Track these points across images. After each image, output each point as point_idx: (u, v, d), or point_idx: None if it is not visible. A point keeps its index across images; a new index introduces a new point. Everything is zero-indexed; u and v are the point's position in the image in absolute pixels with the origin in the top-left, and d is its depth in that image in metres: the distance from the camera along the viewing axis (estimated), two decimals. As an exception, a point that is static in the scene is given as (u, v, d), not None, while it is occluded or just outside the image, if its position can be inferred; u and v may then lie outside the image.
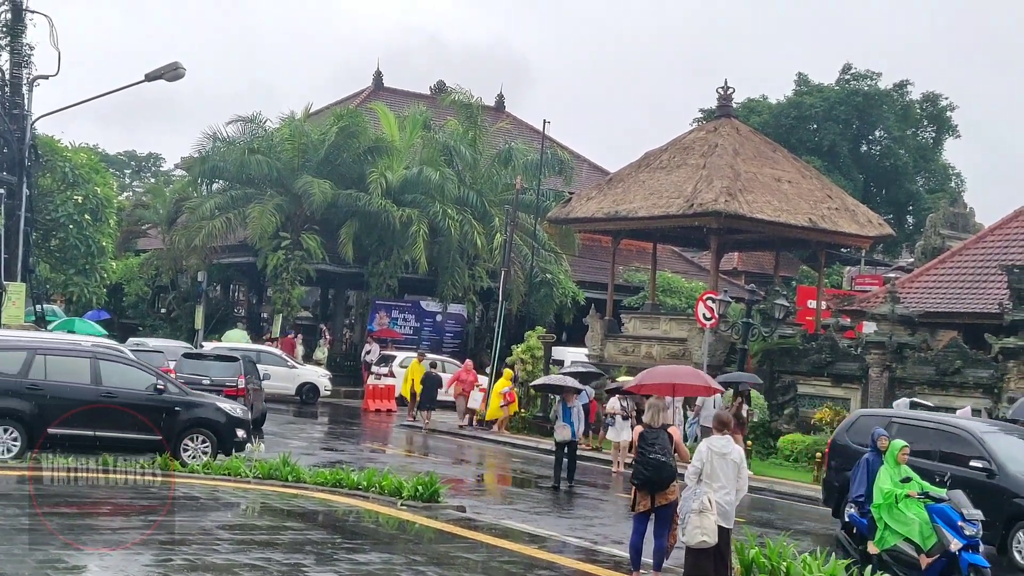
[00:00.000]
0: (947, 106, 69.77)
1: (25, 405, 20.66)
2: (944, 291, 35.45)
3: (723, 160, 34.52)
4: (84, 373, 21.23)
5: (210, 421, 21.79)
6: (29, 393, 20.72)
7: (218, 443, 21.66)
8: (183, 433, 21.46)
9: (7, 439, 20.37)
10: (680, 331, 35.24)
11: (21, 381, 20.79)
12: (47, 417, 20.46)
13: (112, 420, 20.76)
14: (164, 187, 62.07)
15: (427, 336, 48.24)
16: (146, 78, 29.20)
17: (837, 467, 20.51)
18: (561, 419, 24.37)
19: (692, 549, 12.90)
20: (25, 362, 21.07)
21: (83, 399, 20.81)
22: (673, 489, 13.68)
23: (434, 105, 53.55)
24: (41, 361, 21.12)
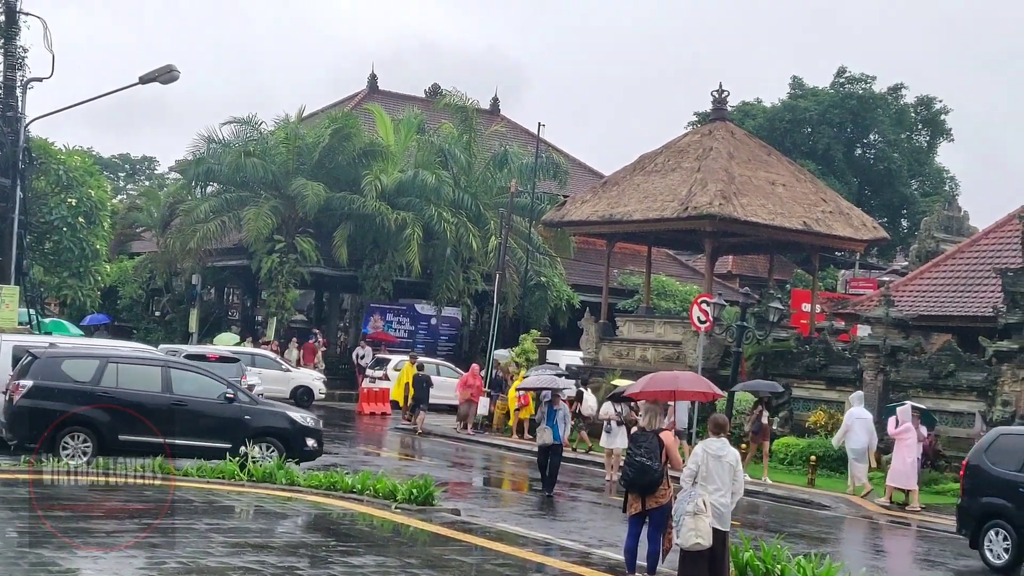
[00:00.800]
0: (941, 109, 69.89)
1: (97, 412, 20.84)
2: (938, 294, 35.49)
3: (717, 163, 34.55)
4: (155, 381, 21.50)
5: (278, 429, 21.86)
6: (101, 401, 20.91)
7: (286, 451, 21.66)
8: (252, 440, 21.46)
9: (79, 445, 20.53)
10: (675, 334, 35.27)
11: (94, 389, 21.02)
12: (118, 424, 20.70)
13: (182, 427, 20.92)
14: (158, 190, 62.03)
15: (421, 339, 48.22)
16: (140, 81, 29.17)
17: (973, 491, 18.61)
18: (545, 422, 23.50)
19: (686, 551, 12.89)
20: (98, 370, 21.31)
21: (154, 407, 21.05)
22: (664, 492, 13.67)
23: (429, 108, 53.54)
24: (113, 369, 21.35)
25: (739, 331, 30.64)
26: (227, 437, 21.25)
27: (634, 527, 13.94)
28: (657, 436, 13.76)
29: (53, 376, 21.15)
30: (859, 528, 22.08)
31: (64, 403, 20.85)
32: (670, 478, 13.84)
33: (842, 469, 27.73)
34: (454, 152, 47.35)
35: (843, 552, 18.14)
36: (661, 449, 13.65)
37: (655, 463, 13.56)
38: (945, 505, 24.56)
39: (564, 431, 23.77)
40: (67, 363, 21.68)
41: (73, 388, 21.10)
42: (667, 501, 13.68)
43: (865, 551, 18.83)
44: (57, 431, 20.57)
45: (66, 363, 21.67)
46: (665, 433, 13.88)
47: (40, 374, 21.13)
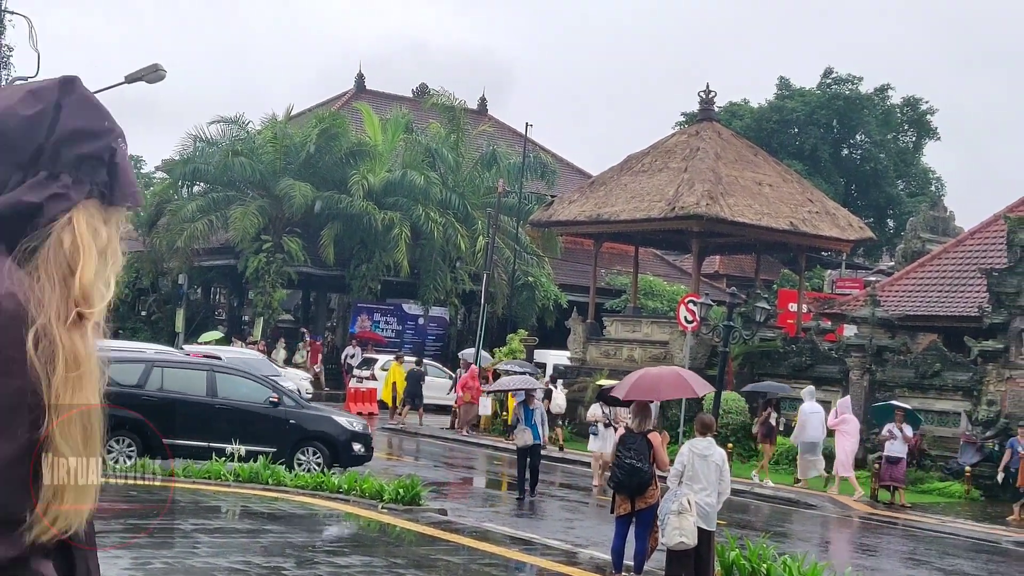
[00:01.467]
0: (927, 110, 70.11)
1: (142, 416, 20.80)
2: (924, 294, 35.60)
3: (705, 164, 34.61)
4: (200, 385, 21.66)
5: (324, 434, 21.81)
6: (146, 404, 20.99)
7: (332, 456, 21.63)
8: (297, 445, 21.55)
9: (123, 449, 20.59)
10: (662, 334, 35.31)
11: (138, 392, 21.11)
12: (162, 428, 20.90)
13: (226, 431, 21.00)
14: (145, 189, 61.87)
15: (409, 339, 48.20)
16: (126, 80, 29.08)
17: None
18: (523, 422, 22.41)
19: (671, 550, 12.92)
20: (143, 373, 21.50)
21: (198, 410, 21.18)
22: (653, 493, 13.69)
23: (416, 108, 53.51)
24: (159, 373, 21.54)
25: (726, 331, 30.68)
26: (272, 441, 21.34)
27: (622, 527, 13.96)
28: (645, 437, 13.77)
29: None
30: (845, 527, 22.14)
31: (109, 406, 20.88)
32: (658, 479, 13.86)
33: (829, 468, 27.86)
34: (442, 152, 47.34)
35: (829, 551, 18.19)
36: (650, 450, 13.67)
37: (644, 464, 13.59)
38: (931, 504, 24.70)
39: (543, 431, 23.10)
40: (113, 367, 21.65)
41: (118, 391, 21.16)
42: (655, 501, 13.71)
43: (851, 550, 18.88)
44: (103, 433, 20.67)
45: (112, 367, 21.66)
46: (653, 434, 13.89)
47: None
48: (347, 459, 21.73)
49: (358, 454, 22.12)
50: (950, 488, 26.15)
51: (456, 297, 48.29)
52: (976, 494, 25.87)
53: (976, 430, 26.84)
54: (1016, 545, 20.55)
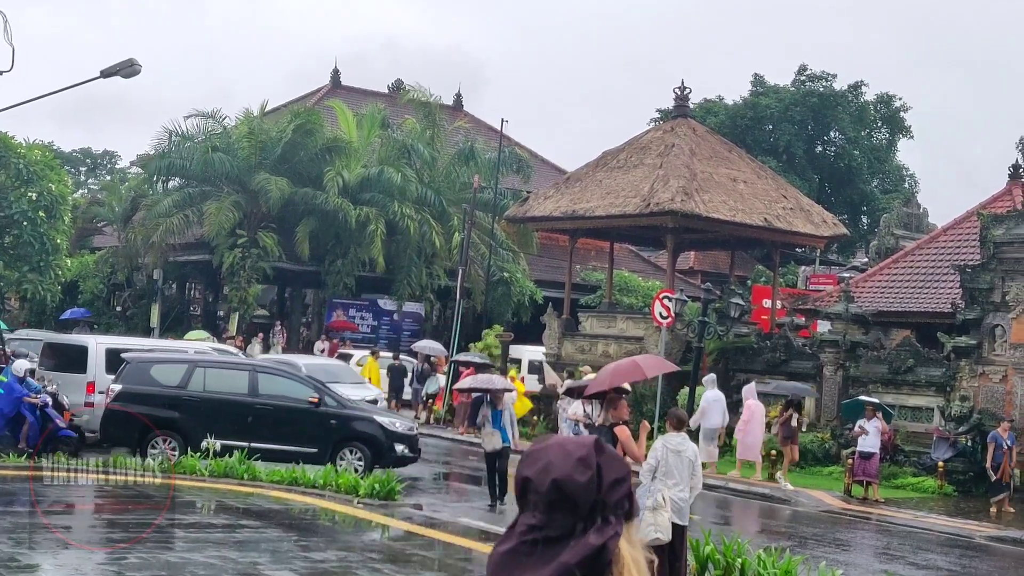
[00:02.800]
0: (901, 107, 70.37)
1: (183, 416, 21.05)
2: (897, 290, 35.80)
3: (679, 160, 34.69)
4: (242, 385, 21.67)
5: (365, 435, 21.63)
6: (187, 404, 21.10)
7: (373, 457, 21.41)
8: (339, 446, 21.40)
9: (165, 449, 20.68)
10: (637, 330, 35.39)
11: (180, 393, 21.22)
12: (203, 428, 20.86)
13: (267, 432, 21.00)
14: (119, 184, 61.62)
15: (384, 334, 48.13)
16: (101, 74, 28.87)
17: None
18: (490, 425, 20.52)
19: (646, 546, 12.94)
20: (185, 374, 21.59)
21: (240, 411, 21.22)
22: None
23: (392, 104, 53.42)
24: (201, 373, 21.58)
25: (701, 327, 30.77)
26: (313, 441, 21.29)
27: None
28: (611, 430, 13.79)
29: (142, 380, 21.57)
30: (819, 523, 22.24)
31: (152, 407, 21.19)
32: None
33: (803, 463, 28.08)
34: (418, 148, 47.27)
35: (803, 546, 18.26)
36: (615, 444, 13.66)
37: None
38: (904, 499, 24.84)
39: (513, 433, 21.02)
40: (156, 368, 22.19)
41: (161, 392, 21.43)
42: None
43: (825, 544, 18.97)
44: (145, 434, 20.92)
45: (155, 368, 22.17)
46: (620, 428, 13.89)
47: (129, 379, 21.58)
48: (389, 460, 21.41)
49: (402, 455, 21.81)
50: (923, 483, 26.30)
51: (431, 293, 48.27)
52: (949, 489, 26.03)
53: (949, 426, 27.00)
54: (989, 540, 20.70)
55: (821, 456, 28.55)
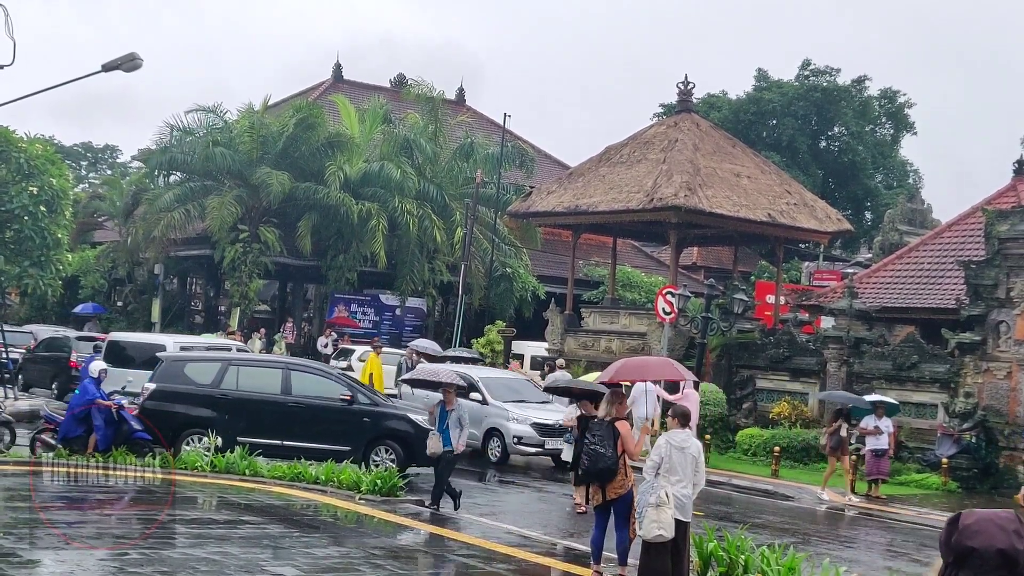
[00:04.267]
0: (905, 103, 70.27)
1: (216, 414, 21.07)
2: (901, 286, 35.69)
3: (683, 155, 34.59)
4: (275, 383, 21.62)
5: (397, 432, 21.35)
6: (221, 402, 21.14)
7: (407, 455, 21.15)
8: (372, 444, 21.19)
9: (199, 447, 20.70)
10: (640, 325, 35.32)
11: (213, 391, 21.26)
12: (237, 426, 20.92)
13: (300, 429, 20.91)
14: (121, 179, 61.54)
15: (386, 330, 48.09)
16: (103, 68, 28.78)
17: None
18: (436, 426, 18.64)
19: (648, 543, 12.87)
20: (219, 372, 21.60)
21: (272, 408, 21.23)
22: (623, 482, 13.59)
23: (394, 98, 53.31)
24: (234, 371, 21.57)
25: (704, 322, 30.71)
26: (346, 440, 21.19)
27: (600, 519, 13.90)
28: (612, 425, 13.69)
29: (176, 379, 21.70)
30: (823, 519, 22.16)
31: (186, 405, 21.33)
32: (629, 468, 13.77)
33: (805, 460, 28.04)
34: (419, 143, 47.17)
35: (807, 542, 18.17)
36: (616, 438, 13.58)
37: (609, 451, 13.49)
38: (908, 495, 24.77)
39: (459, 437, 18.66)
40: (190, 366, 22.35)
41: (195, 391, 21.51)
42: (627, 491, 13.64)
43: (828, 541, 18.89)
44: (179, 432, 21.01)
45: (189, 366, 22.33)
46: (621, 422, 13.79)
47: (164, 377, 21.74)
48: (423, 458, 20.75)
49: None
50: (927, 480, 26.24)
51: (434, 288, 48.18)
52: (953, 486, 25.97)
53: (953, 422, 26.93)
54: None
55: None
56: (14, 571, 11.79)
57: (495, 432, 25.88)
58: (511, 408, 25.82)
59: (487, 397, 26.08)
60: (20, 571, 11.90)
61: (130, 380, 24.42)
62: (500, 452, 25.71)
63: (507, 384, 27.81)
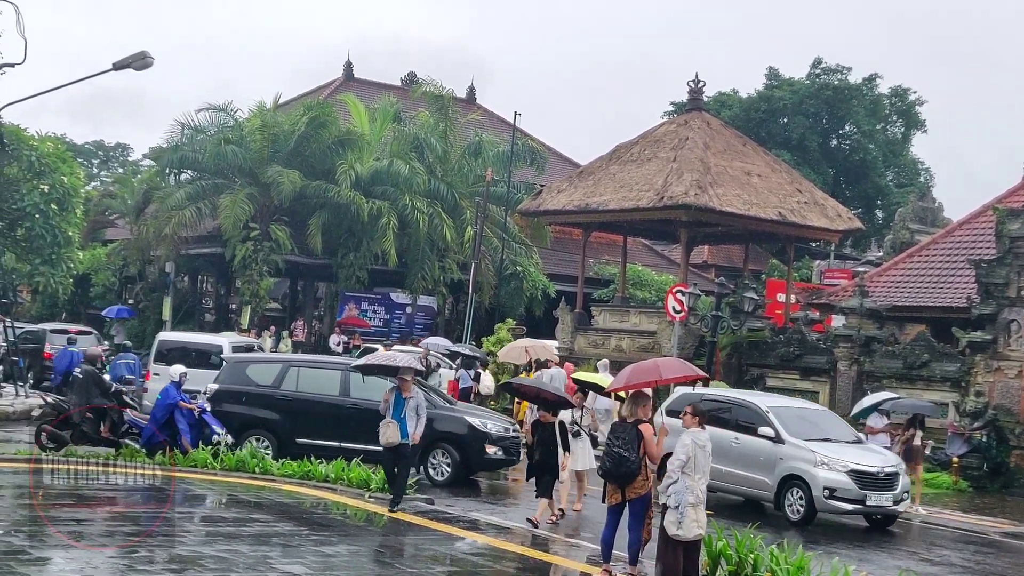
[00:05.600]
0: (916, 101, 70.12)
1: (276, 416, 21.22)
2: (912, 285, 35.61)
3: (693, 153, 34.56)
4: (334, 385, 21.67)
5: (453, 435, 20.96)
6: (280, 404, 21.29)
7: (462, 459, 20.92)
8: (427, 447, 20.70)
9: (259, 448, 20.80)
10: (650, 324, 35.29)
11: (273, 392, 21.40)
12: (295, 427, 21.04)
13: (357, 432, 20.69)
14: (132, 177, 61.62)
15: (397, 328, 48.06)
16: (114, 67, 28.86)
17: None
18: (390, 414, 17.41)
19: (686, 541, 12.85)
20: (279, 374, 21.72)
21: (330, 410, 21.32)
22: (642, 483, 13.59)
23: (405, 97, 53.30)
24: (294, 373, 21.64)
25: (714, 321, 30.68)
26: None
27: (612, 517, 13.89)
28: (636, 427, 13.67)
29: (238, 380, 21.92)
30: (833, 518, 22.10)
31: (246, 406, 21.51)
32: (649, 470, 13.76)
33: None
34: (430, 141, 47.14)
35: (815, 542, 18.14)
36: (639, 441, 13.56)
37: (632, 454, 13.48)
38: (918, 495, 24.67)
39: (416, 427, 17.50)
40: (252, 367, 22.60)
41: (255, 392, 21.69)
42: (645, 492, 13.63)
43: (837, 541, 18.84)
44: (241, 433, 21.18)
45: (251, 367, 22.58)
46: (645, 425, 13.75)
47: (227, 378, 22.02)
48: (478, 462, 20.87)
49: (493, 457, 21.19)
50: (937, 479, 26.15)
51: (444, 286, 48.14)
52: (964, 485, 25.90)
53: (964, 421, 26.86)
54: (1004, 536, 20.56)
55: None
56: (24, 568, 11.82)
57: (796, 481, 20.21)
58: (819, 449, 20.25)
59: (781, 433, 20.60)
60: (31, 568, 11.93)
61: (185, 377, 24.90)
62: (804, 508, 20.08)
63: (804, 416, 21.95)
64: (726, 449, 20.09)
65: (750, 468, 20.67)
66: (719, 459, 17.29)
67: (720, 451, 17.60)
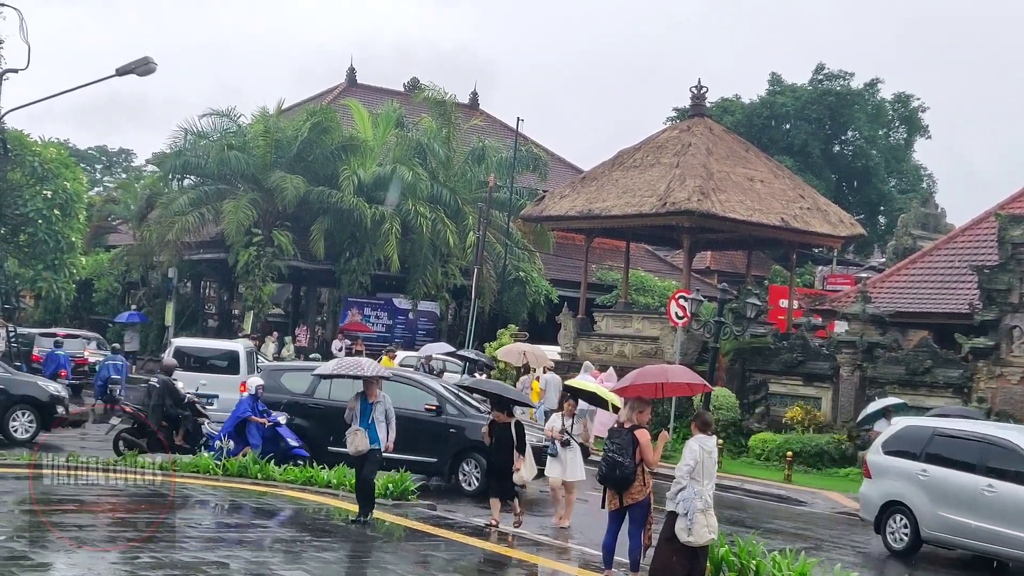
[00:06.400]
0: (918, 107, 70.11)
1: (309, 424, 21.18)
2: (915, 291, 35.57)
3: (696, 159, 34.56)
4: None
5: (483, 444, 19.52)
6: (314, 412, 21.26)
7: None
8: (459, 456, 20.61)
9: None
10: (653, 330, 35.28)
11: (307, 400, 21.48)
12: (327, 434, 20.84)
13: None
14: (135, 182, 61.69)
15: (399, 333, 48.11)
16: (117, 72, 28.90)
17: None
18: (357, 421, 16.50)
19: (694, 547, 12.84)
20: (312, 381, 21.67)
21: None
22: (640, 488, 13.56)
23: (407, 102, 53.39)
24: (327, 382, 21.28)
25: (717, 327, 30.65)
26: (432, 451, 20.81)
27: (613, 523, 13.87)
28: (632, 433, 13.64)
29: (273, 388, 21.94)
30: (836, 524, 22.08)
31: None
32: (647, 475, 13.73)
33: (819, 465, 28.01)
34: (433, 147, 47.20)
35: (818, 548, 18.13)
36: (635, 446, 13.53)
37: (626, 459, 13.44)
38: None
39: (386, 434, 16.66)
40: (286, 375, 22.82)
41: (290, 400, 21.78)
42: (644, 498, 13.61)
43: (841, 547, 18.83)
44: None
45: (285, 375, 22.81)
46: (641, 431, 13.74)
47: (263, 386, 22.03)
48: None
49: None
50: (940, 485, 26.06)
51: (447, 292, 48.19)
52: (966, 491, 25.80)
53: (966, 427, 26.79)
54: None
55: (837, 457, 28.42)
56: (25, 574, 11.81)
57: None
58: None
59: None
60: (32, 574, 11.93)
61: (203, 383, 26.11)
62: None
63: None
64: (975, 498, 16.94)
65: (1014, 524, 16.50)
66: (965, 511, 16.22)
67: (967, 502, 16.34)
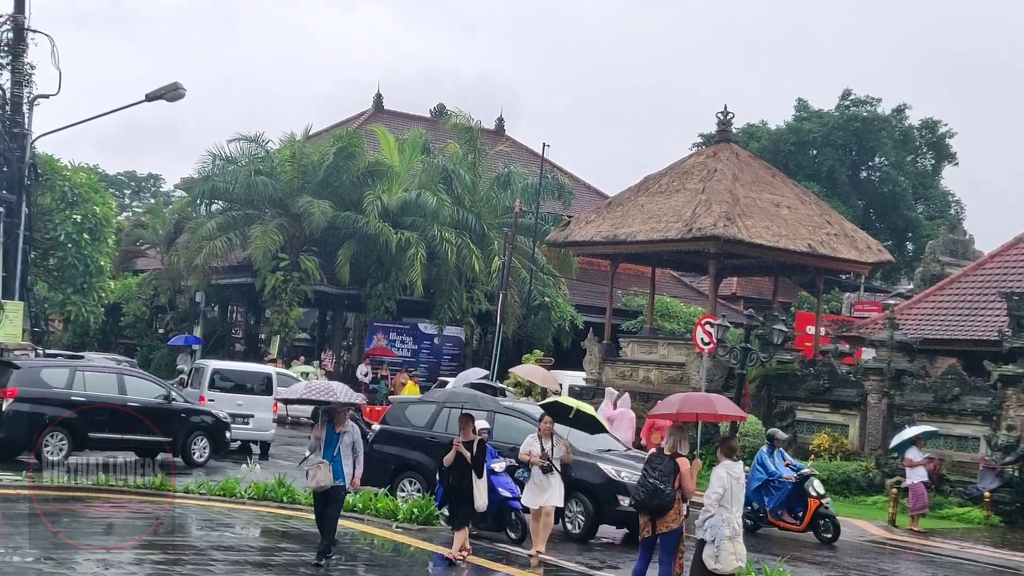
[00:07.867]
0: (946, 133, 69.88)
1: (428, 459, 20.22)
2: (943, 318, 35.39)
3: (722, 185, 34.50)
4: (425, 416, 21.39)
5: (585, 483, 18.80)
6: (431, 446, 20.28)
7: (595, 510, 18.86)
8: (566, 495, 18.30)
9: (412, 491, 20.44)
10: (678, 356, 35.16)
11: (424, 435, 20.93)
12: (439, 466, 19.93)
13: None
14: (163, 207, 62.08)
15: (424, 359, 48.19)
16: (146, 98, 29.15)
17: None
18: (321, 452, 14.83)
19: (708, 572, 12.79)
20: (432, 415, 21.26)
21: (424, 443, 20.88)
22: (675, 517, 13.50)
23: (434, 128, 53.59)
24: (446, 415, 20.83)
25: (743, 353, 30.54)
26: None
27: (645, 551, 13.81)
28: (674, 460, 13.56)
29: (397, 421, 21.90)
30: (863, 552, 21.93)
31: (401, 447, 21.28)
32: (681, 503, 13.66)
33: (846, 492, 27.79)
34: (459, 172, 47.35)
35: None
36: (676, 474, 13.47)
37: (667, 487, 13.38)
38: (950, 530, 24.47)
39: (353, 467, 15.04)
40: (411, 408, 22.53)
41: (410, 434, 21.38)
42: (678, 526, 13.55)
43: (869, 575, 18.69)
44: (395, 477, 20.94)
45: (410, 409, 22.53)
46: (682, 459, 13.64)
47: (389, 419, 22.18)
48: (612, 515, 18.86)
49: (625, 510, 18.06)
50: (969, 514, 25.91)
51: (472, 317, 48.23)
52: (996, 520, 25.63)
53: (995, 455, 26.61)
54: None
55: (865, 485, 28.24)
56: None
57: None
58: None
59: None
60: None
61: (240, 404, 28.24)
62: None
63: None
64: None
65: None
66: None
67: None
